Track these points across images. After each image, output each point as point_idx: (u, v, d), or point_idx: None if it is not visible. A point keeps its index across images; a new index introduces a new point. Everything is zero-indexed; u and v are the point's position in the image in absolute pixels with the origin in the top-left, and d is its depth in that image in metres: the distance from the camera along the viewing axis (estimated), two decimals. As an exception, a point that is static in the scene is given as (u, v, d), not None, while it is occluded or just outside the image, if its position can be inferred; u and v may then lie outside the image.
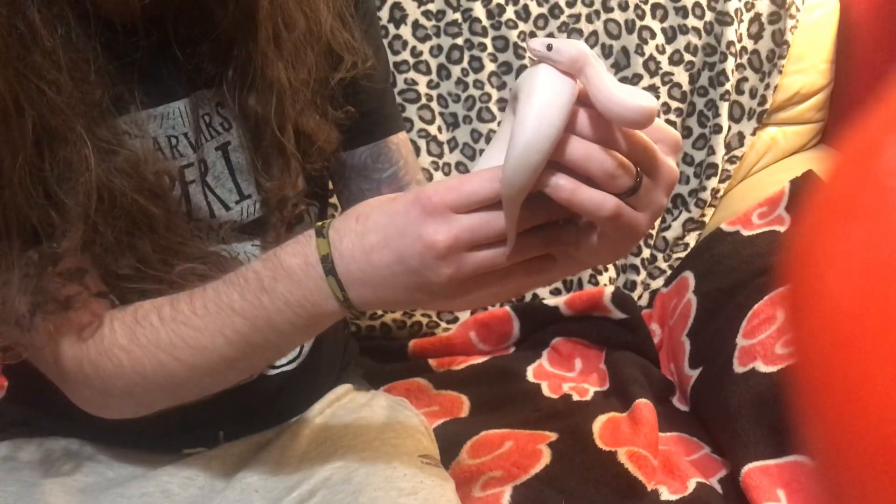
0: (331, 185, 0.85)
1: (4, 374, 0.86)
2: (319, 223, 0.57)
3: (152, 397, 0.65)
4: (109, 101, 0.61)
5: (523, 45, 1.23)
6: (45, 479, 0.74)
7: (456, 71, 1.23)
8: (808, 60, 1.27)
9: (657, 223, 1.27)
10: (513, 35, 1.23)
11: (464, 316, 1.23)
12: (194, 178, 0.69)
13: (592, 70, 0.51)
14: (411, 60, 1.22)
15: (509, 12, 1.23)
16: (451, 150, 1.25)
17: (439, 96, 1.24)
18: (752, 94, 1.27)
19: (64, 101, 0.57)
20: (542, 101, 0.50)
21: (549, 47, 0.51)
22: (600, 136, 0.51)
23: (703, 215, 1.27)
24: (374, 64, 0.77)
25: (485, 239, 0.53)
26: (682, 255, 1.25)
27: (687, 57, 1.25)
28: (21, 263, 0.58)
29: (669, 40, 1.25)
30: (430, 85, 1.23)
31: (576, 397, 1.05)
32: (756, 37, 1.25)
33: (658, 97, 1.25)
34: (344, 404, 0.87)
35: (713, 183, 1.26)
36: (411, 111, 1.22)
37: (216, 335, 0.60)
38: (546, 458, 0.90)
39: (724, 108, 1.24)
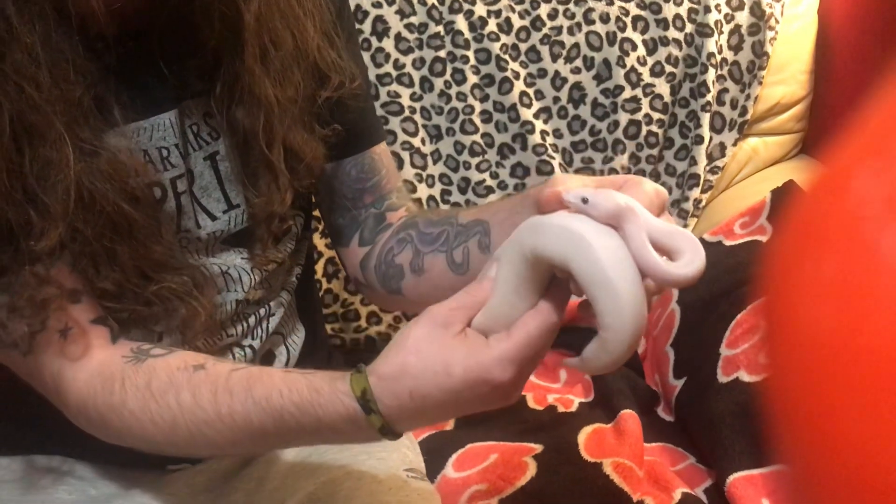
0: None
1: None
2: (358, 391, 0.55)
3: (154, 451, 0.65)
4: (91, 102, 0.61)
5: (505, 57, 1.24)
6: (27, 497, 0.73)
7: (439, 83, 1.24)
8: (788, 71, 1.29)
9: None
10: (495, 47, 1.24)
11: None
12: (184, 188, 0.69)
13: (632, 228, 0.50)
14: (394, 73, 1.22)
15: (491, 25, 1.24)
16: (435, 162, 1.25)
17: (422, 108, 1.24)
18: (733, 105, 1.28)
19: (43, 98, 0.57)
20: (627, 302, 0.49)
21: (585, 200, 0.51)
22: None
23: (685, 226, 1.28)
24: (360, 83, 0.77)
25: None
26: (666, 265, 1.25)
27: (668, 68, 1.26)
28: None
29: (651, 52, 1.26)
30: (413, 97, 1.23)
31: (561, 409, 1.05)
32: (736, 48, 1.26)
33: (640, 108, 1.26)
34: (329, 419, 0.87)
35: (695, 193, 1.27)
36: (394, 123, 1.22)
37: (242, 441, 0.60)
38: (532, 470, 0.90)
39: (705, 118, 1.25)
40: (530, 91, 1.25)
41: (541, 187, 0.63)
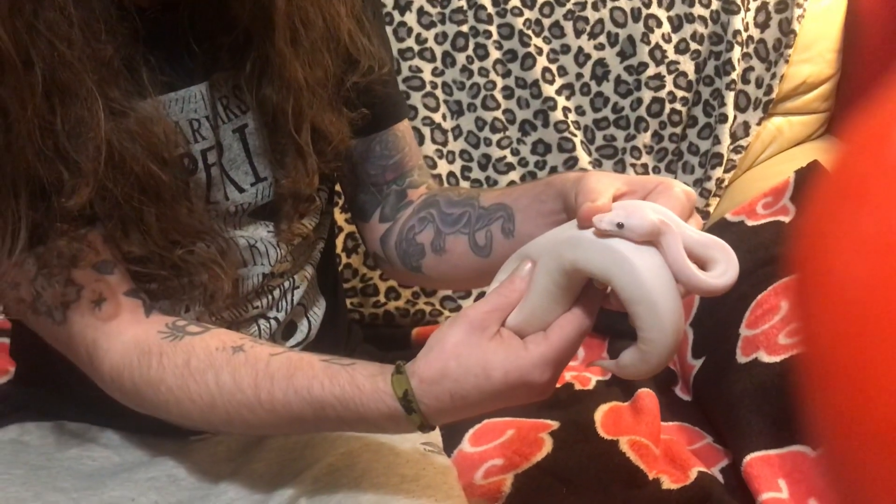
0: None
1: (13, 357, 0.87)
2: (400, 392, 0.57)
3: (187, 426, 0.66)
4: (121, 64, 0.62)
5: (529, 32, 1.23)
6: (53, 462, 0.75)
7: (461, 58, 1.23)
8: (815, 49, 1.27)
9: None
10: (518, 22, 1.23)
11: (467, 304, 1.23)
12: (215, 160, 0.70)
13: (669, 240, 0.52)
14: (416, 48, 1.22)
15: None
16: (456, 139, 1.25)
17: (444, 84, 1.23)
18: (758, 84, 1.26)
19: (75, 56, 0.58)
20: (668, 319, 0.52)
21: (621, 225, 0.52)
22: None
23: (707, 205, 1.27)
24: (390, 68, 0.78)
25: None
26: (686, 244, 1.24)
27: (693, 46, 1.24)
28: (28, 222, 0.59)
29: (676, 29, 1.24)
30: (434, 72, 1.23)
31: (578, 386, 1.06)
32: (763, 26, 1.25)
33: (663, 86, 1.24)
34: (347, 392, 0.87)
35: (718, 173, 1.26)
36: (416, 98, 1.22)
37: (279, 427, 0.63)
38: (548, 446, 0.90)
39: (729, 97, 1.24)
40: (553, 67, 1.24)
41: (567, 178, 0.64)
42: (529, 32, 1.23)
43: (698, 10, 1.23)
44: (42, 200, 0.60)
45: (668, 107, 1.25)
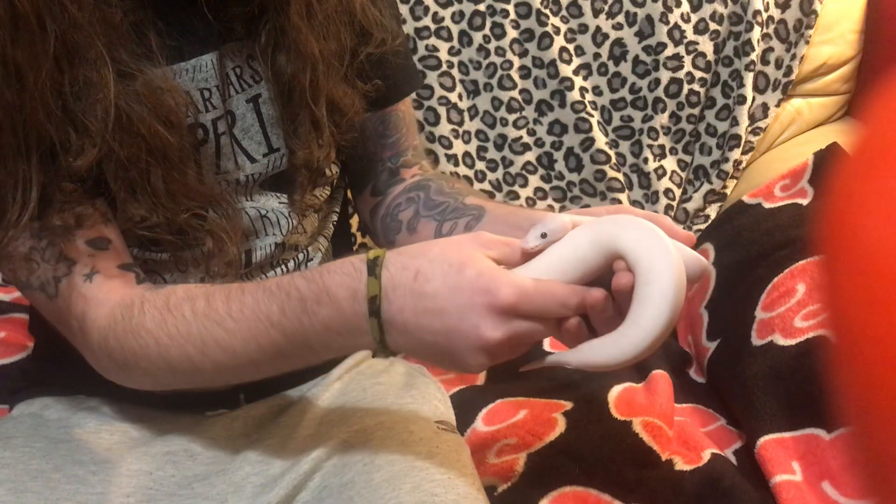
0: None
1: (31, 333, 0.88)
2: (372, 256, 0.58)
3: (172, 381, 0.66)
4: (129, 28, 0.62)
5: (546, 11, 1.22)
6: (71, 436, 0.76)
7: (477, 37, 1.22)
8: (837, 30, 1.25)
9: (678, 194, 1.26)
10: (535, 1, 1.22)
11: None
12: (224, 129, 0.71)
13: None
14: (433, 26, 1.21)
15: (533, -22, 1.22)
16: (472, 118, 1.24)
17: (460, 63, 1.23)
18: (778, 65, 1.25)
19: (85, 17, 0.59)
20: (669, 320, 0.55)
21: (544, 235, 0.57)
22: None
23: (724, 187, 1.26)
24: (402, 41, 0.78)
25: (529, 342, 0.57)
26: (703, 226, 1.24)
27: (712, 26, 1.23)
28: (37, 183, 0.60)
29: (695, 8, 1.23)
30: (451, 52, 1.22)
31: (592, 367, 1.06)
32: (784, 6, 1.23)
33: (682, 66, 1.23)
34: (363, 370, 0.88)
35: (736, 154, 1.25)
36: (432, 78, 1.22)
37: (249, 341, 0.62)
38: (561, 426, 0.90)
39: (748, 78, 1.22)
40: (570, 47, 1.23)
41: (554, 216, 0.67)
42: (547, 11, 1.22)
43: (718, -11, 1.22)
44: (51, 163, 0.61)
45: (686, 87, 1.24)
